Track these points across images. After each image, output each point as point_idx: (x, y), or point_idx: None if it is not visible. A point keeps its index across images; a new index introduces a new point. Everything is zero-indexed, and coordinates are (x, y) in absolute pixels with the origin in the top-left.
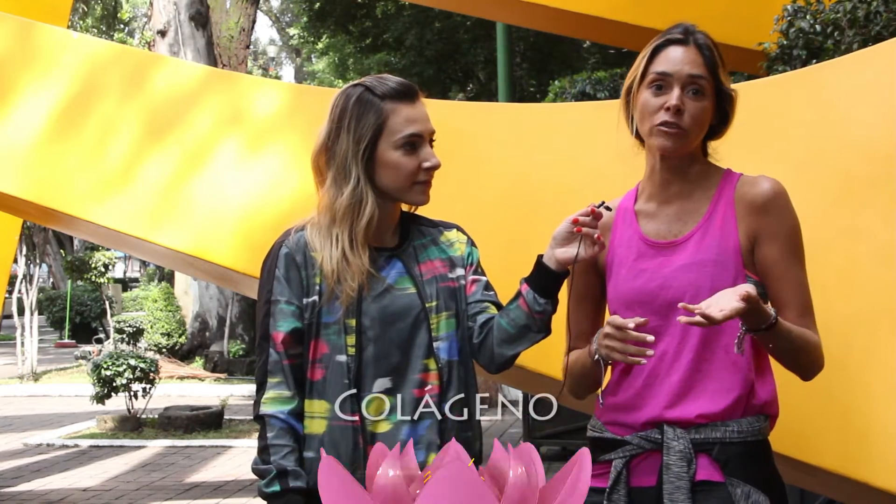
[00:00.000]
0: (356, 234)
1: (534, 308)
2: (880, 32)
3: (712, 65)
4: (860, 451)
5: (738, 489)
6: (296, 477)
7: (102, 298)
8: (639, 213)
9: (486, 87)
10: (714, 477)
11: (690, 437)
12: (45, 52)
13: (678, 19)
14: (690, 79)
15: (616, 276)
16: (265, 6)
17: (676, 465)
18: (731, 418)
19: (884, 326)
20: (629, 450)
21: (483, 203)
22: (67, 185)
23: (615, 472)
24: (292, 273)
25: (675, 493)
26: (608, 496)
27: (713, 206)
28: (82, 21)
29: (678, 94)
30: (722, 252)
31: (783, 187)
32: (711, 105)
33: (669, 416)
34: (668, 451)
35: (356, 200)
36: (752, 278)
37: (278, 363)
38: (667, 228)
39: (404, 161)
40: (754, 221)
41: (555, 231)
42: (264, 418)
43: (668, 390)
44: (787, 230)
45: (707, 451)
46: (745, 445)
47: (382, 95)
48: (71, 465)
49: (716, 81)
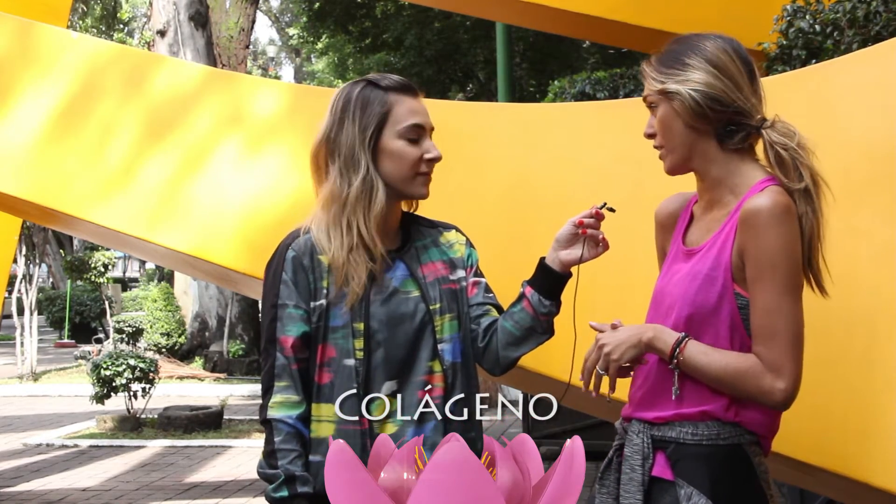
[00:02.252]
0: (369, 221)
1: (539, 310)
2: (880, 32)
3: (654, 78)
4: (860, 451)
5: (682, 490)
6: (304, 482)
7: (102, 298)
8: (693, 215)
9: (486, 87)
10: (665, 475)
11: (651, 433)
12: (45, 52)
13: (678, 20)
14: (646, 101)
15: (664, 269)
16: (265, 6)
17: (632, 458)
18: (688, 420)
19: (884, 326)
20: (618, 438)
21: (483, 203)
22: (67, 186)
23: (607, 458)
24: (300, 276)
25: (629, 484)
26: (599, 480)
27: (728, 219)
28: (82, 21)
29: (649, 121)
30: (715, 266)
31: (778, 205)
32: (672, 110)
33: (635, 414)
34: (628, 444)
35: (367, 188)
36: (741, 296)
37: (286, 367)
38: (698, 236)
39: (408, 150)
40: (742, 238)
41: (557, 233)
42: (271, 422)
43: (641, 387)
44: (758, 249)
45: (664, 448)
46: (698, 448)
47: (386, 87)
48: (71, 465)
49: (661, 89)
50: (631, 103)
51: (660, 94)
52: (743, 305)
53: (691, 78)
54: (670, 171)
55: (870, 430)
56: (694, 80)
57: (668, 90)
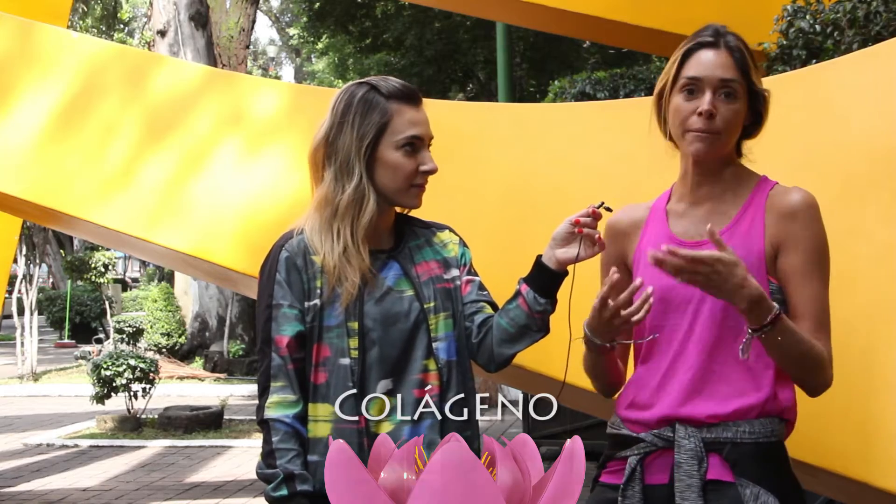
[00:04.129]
0: (357, 230)
1: (534, 308)
2: (880, 32)
3: (744, 66)
4: (860, 451)
5: (748, 490)
6: (303, 481)
7: (102, 298)
8: (670, 213)
9: (486, 87)
10: (724, 477)
11: (702, 436)
12: (45, 52)
13: (678, 19)
14: (722, 82)
15: (643, 273)
16: (265, 6)
17: (687, 463)
18: (744, 419)
19: (884, 326)
20: (643, 447)
21: (482, 203)
22: (67, 186)
23: (629, 468)
24: (293, 277)
25: (686, 491)
26: (623, 493)
27: (742, 210)
28: (82, 21)
29: (710, 99)
30: (746, 255)
31: (814, 200)
32: (744, 107)
33: (681, 414)
34: (679, 450)
35: (358, 197)
36: (773, 283)
37: (282, 367)
38: (695, 228)
39: (404, 162)
40: (781, 229)
41: (554, 231)
42: (269, 423)
43: (679, 388)
44: (811, 241)
45: (718, 450)
46: (756, 446)
47: (388, 95)
48: (71, 465)
49: (748, 83)
50: (631, 103)
51: (747, 88)
52: (773, 291)
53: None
54: (708, 155)
55: (870, 430)
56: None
57: (758, 91)
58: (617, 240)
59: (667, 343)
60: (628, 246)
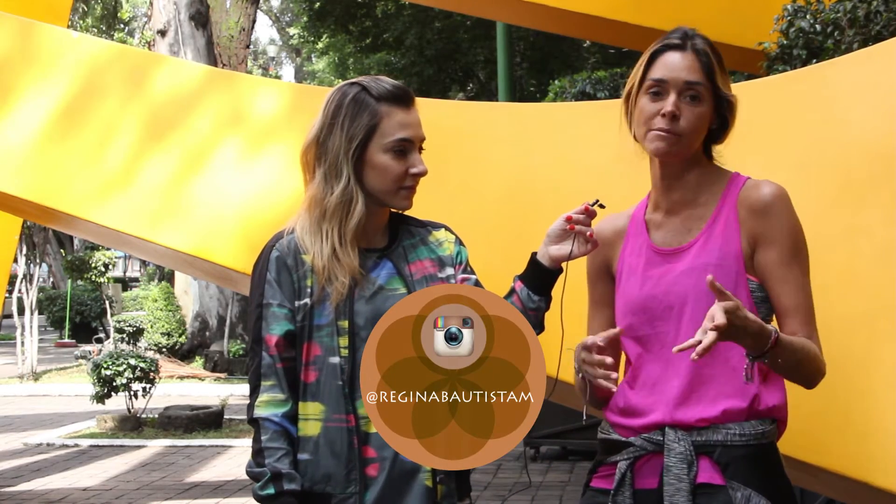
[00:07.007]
0: (345, 233)
1: (528, 305)
2: (880, 32)
3: (709, 70)
4: (860, 451)
5: (739, 493)
6: (290, 479)
7: (102, 298)
8: (649, 223)
9: (486, 87)
10: (715, 480)
11: (692, 440)
12: (45, 52)
13: (678, 19)
14: (687, 85)
15: (626, 284)
16: (265, 6)
17: (676, 466)
18: (733, 421)
19: (884, 326)
20: (633, 451)
21: (482, 202)
22: (67, 185)
23: (619, 473)
24: (283, 276)
25: (676, 495)
26: (613, 498)
27: (717, 210)
28: (82, 21)
29: (674, 101)
30: (724, 256)
31: (785, 191)
32: (710, 110)
33: (671, 419)
34: (669, 453)
35: (346, 199)
36: (752, 281)
37: (272, 366)
38: (673, 236)
39: (392, 165)
40: (755, 225)
41: (549, 228)
42: (258, 421)
43: (670, 394)
44: (786, 234)
45: (709, 453)
46: (747, 448)
47: (378, 97)
48: (71, 465)
49: (713, 87)
50: None
51: (713, 92)
52: (753, 290)
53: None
54: (669, 155)
55: (870, 430)
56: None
57: (724, 96)
58: (601, 250)
59: (659, 349)
60: (612, 255)
